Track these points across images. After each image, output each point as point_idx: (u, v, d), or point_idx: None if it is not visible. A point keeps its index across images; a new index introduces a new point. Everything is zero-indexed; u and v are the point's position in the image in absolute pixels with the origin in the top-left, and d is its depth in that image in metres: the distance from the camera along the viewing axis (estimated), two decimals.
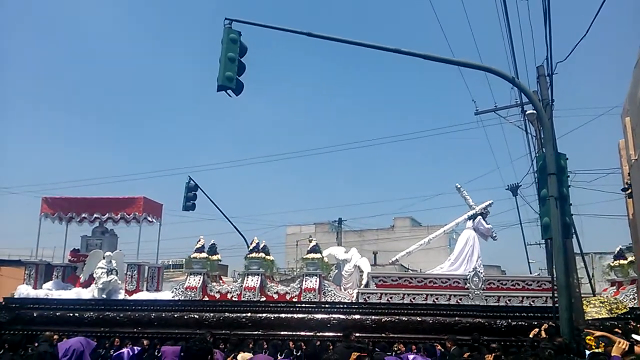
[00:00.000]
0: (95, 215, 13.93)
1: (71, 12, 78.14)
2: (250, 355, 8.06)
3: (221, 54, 8.57)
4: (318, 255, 13.04)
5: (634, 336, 6.75)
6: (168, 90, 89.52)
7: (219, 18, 9.72)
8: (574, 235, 9.23)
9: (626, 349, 4.67)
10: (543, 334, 8.14)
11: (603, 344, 5.92)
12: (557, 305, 7.74)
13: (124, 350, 9.45)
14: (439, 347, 9.91)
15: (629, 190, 11.20)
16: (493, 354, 7.98)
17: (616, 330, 8.93)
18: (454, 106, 76.94)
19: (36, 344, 10.47)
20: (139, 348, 9.76)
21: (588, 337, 6.69)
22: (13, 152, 69.78)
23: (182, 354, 8.29)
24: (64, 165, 75.48)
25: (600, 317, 9.50)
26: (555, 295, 7.96)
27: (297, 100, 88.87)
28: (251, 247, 13.29)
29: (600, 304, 9.87)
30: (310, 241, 13.89)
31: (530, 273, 19.61)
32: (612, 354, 4.67)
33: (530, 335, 8.85)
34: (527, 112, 14.56)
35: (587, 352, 5.96)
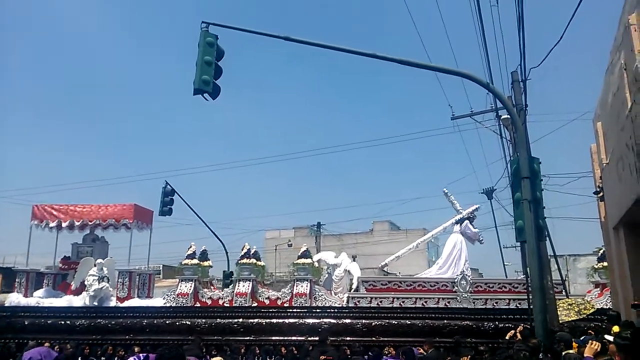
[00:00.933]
0: (85, 223, 13.95)
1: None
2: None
3: (198, 58, 8.56)
4: (309, 260, 13.20)
5: (606, 336, 6.98)
6: (147, 93, 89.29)
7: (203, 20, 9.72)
8: (547, 238, 9.37)
9: (598, 349, 4.84)
10: (518, 336, 8.35)
11: (577, 344, 6.11)
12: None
13: (131, 358, 9.38)
14: (421, 350, 10.09)
15: (601, 194, 11.46)
16: (469, 356, 8.19)
17: (589, 332, 9.19)
18: (431, 111, 77.95)
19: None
20: (143, 355, 9.70)
21: None
22: None
23: None
24: (42, 170, 74.63)
25: (569, 319, 9.71)
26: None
27: (277, 105, 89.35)
28: (242, 253, 13.40)
29: (569, 306, 10.06)
30: (289, 245, 14.09)
31: (506, 276, 19.86)
32: (585, 355, 4.84)
33: (507, 337, 9.08)
34: (501, 117, 14.78)
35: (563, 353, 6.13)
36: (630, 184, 7.99)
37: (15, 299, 13.36)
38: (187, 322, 12.27)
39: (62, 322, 12.49)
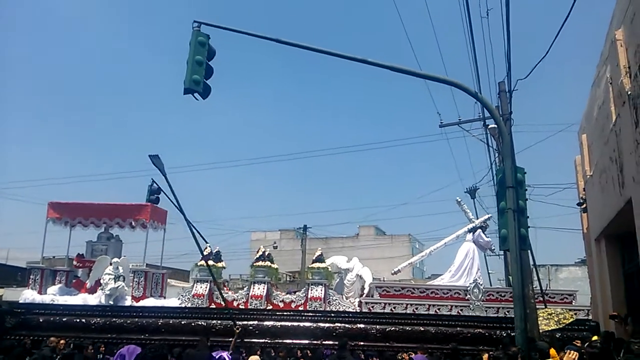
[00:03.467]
0: (103, 221, 14.01)
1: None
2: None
3: (188, 57, 8.47)
4: (324, 265, 13.34)
5: (586, 346, 7.15)
6: (133, 90, 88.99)
7: (188, 20, 9.63)
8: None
9: (575, 359, 4.98)
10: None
11: (557, 353, 6.25)
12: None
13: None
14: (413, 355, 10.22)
15: (584, 205, 11.61)
16: None
17: (575, 342, 9.38)
18: (420, 118, 78.83)
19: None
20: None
21: None
22: None
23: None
24: (19, 166, 73.82)
25: (549, 328, 9.87)
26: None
27: (264, 107, 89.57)
28: (257, 256, 13.52)
29: (549, 316, 10.21)
30: (274, 247, 14.22)
31: (490, 284, 19.99)
32: None
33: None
34: (489, 127, 14.91)
35: None
36: (612, 196, 8.22)
37: (29, 295, 13.38)
38: (203, 323, 12.35)
39: (77, 320, 12.53)
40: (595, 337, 9.25)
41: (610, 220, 8.71)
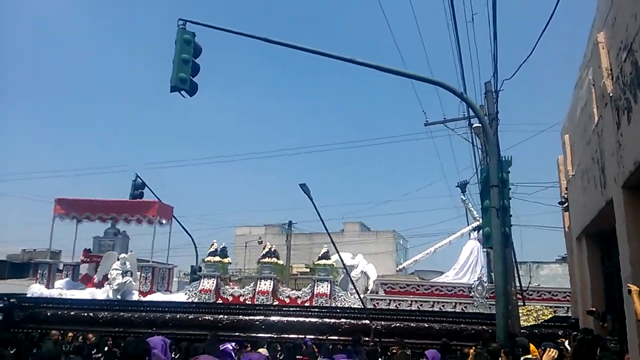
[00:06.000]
0: (111, 216, 14.13)
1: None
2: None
3: (174, 55, 8.49)
4: (330, 262, 13.46)
5: (566, 344, 7.25)
6: (118, 87, 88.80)
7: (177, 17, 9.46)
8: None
9: (555, 356, 5.09)
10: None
11: (538, 350, 6.37)
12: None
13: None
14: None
15: (566, 204, 11.76)
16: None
17: (561, 339, 9.52)
18: (406, 116, 78.73)
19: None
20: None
21: None
22: None
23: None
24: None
25: (528, 324, 9.97)
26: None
27: (250, 102, 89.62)
28: (264, 252, 13.64)
29: (528, 312, 10.35)
30: (259, 242, 14.30)
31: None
32: None
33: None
34: (473, 126, 14.98)
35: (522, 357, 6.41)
36: (594, 196, 8.31)
37: (37, 289, 13.49)
38: (210, 318, 12.48)
39: (85, 314, 12.65)
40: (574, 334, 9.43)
41: (591, 220, 8.80)
